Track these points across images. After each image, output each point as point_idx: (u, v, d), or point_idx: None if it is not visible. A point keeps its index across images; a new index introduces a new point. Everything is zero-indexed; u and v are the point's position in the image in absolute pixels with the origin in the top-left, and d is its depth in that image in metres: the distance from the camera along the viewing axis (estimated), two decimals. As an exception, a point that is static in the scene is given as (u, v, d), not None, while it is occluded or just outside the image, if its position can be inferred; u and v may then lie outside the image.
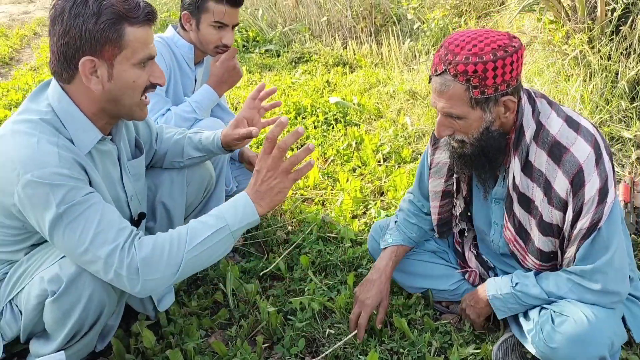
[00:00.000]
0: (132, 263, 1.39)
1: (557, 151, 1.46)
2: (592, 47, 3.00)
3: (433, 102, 1.50)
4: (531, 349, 1.57)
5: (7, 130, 1.43)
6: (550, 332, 1.49)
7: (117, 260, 1.38)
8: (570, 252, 1.52)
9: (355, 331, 1.81)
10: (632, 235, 2.23)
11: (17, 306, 1.61)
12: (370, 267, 2.19)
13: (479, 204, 1.78)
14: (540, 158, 1.49)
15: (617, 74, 2.89)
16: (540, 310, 1.59)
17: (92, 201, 1.41)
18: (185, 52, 2.22)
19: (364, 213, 2.62)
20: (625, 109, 2.83)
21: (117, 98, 1.46)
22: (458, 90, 1.42)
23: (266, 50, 5.60)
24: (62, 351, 1.45)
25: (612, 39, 2.94)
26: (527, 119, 1.49)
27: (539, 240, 1.57)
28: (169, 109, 2.13)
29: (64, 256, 1.49)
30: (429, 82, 1.52)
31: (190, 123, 2.13)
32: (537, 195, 1.52)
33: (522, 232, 1.62)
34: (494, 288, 1.67)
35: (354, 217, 2.58)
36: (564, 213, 1.49)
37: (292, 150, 3.18)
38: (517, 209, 1.59)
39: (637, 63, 2.83)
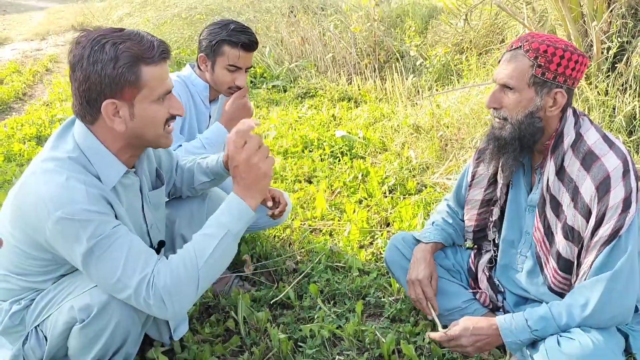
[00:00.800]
0: (156, 293, 1.47)
1: (589, 160, 1.58)
2: (590, 84, 3.11)
3: (496, 74, 1.66)
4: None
5: (37, 169, 1.51)
6: (556, 353, 1.53)
7: (144, 291, 1.46)
8: (587, 261, 1.58)
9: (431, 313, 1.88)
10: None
11: (42, 332, 1.66)
12: (378, 295, 2.26)
13: (513, 214, 1.85)
14: (573, 166, 1.61)
15: (614, 108, 3.00)
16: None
17: (119, 233, 1.48)
18: (201, 91, 2.33)
19: (371, 243, 2.69)
20: (623, 142, 2.92)
21: (140, 134, 1.54)
22: (524, 63, 1.59)
23: (273, 86, 5.76)
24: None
25: (609, 75, 3.05)
26: (569, 128, 1.63)
27: (560, 243, 1.66)
28: (180, 145, 2.23)
29: (94, 285, 1.56)
30: (499, 62, 1.68)
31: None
32: (565, 199, 1.63)
33: (549, 234, 1.71)
34: (511, 333, 1.63)
35: (361, 247, 2.65)
36: (587, 220, 1.58)
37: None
38: (548, 211, 1.69)
39: (633, 98, 2.94)
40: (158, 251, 1.84)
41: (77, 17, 12.31)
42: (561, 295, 1.73)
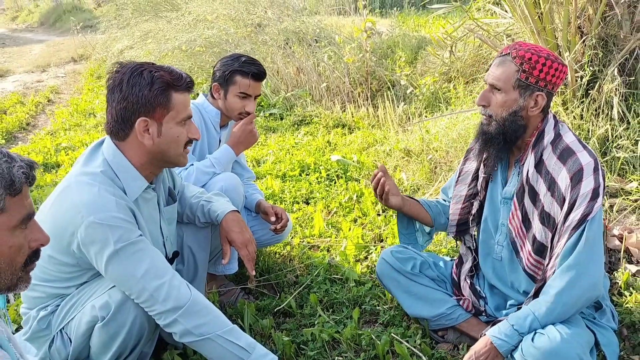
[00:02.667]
0: (180, 298, 1.67)
1: (566, 154, 1.81)
2: (566, 109, 3.36)
3: (486, 76, 1.90)
4: (515, 366, 1.80)
5: (71, 182, 1.73)
6: (529, 348, 1.72)
7: (164, 294, 1.67)
8: (560, 244, 1.79)
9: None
10: (605, 273, 2.49)
11: (66, 334, 1.84)
12: (377, 300, 2.45)
13: (491, 207, 2.07)
14: (550, 159, 1.84)
15: (589, 131, 3.24)
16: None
17: (143, 242, 1.71)
18: (213, 117, 2.56)
19: (366, 257, 2.88)
20: (598, 163, 3.16)
21: (164, 151, 1.78)
22: (511, 68, 1.82)
23: (270, 114, 5.99)
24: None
25: (583, 101, 3.30)
26: (549, 128, 1.88)
27: (536, 228, 1.87)
28: (192, 164, 2.44)
29: (112, 287, 1.75)
30: (488, 69, 1.92)
31: (209, 176, 2.42)
32: (542, 189, 1.85)
33: (526, 221, 1.92)
34: (503, 342, 1.77)
35: (357, 260, 2.84)
36: (562, 207, 1.79)
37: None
38: (526, 200, 1.90)
39: (605, 122, 3.18)
40: (172, 261, 2.03)
41: (78, 50, 12.61)
42: (533, 278, 1.94)
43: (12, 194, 1.10)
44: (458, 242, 2.31)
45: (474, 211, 2.14)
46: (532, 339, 1.74)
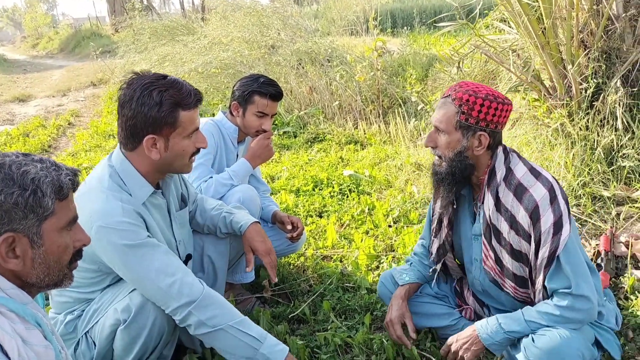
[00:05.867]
0: (193, 292, 1.77)
1: (520, 191, 1.83)
2: (572, 120, 3.43)
3: (432, 118, 1.92)
4: (518, 366, 1.86)
5: (85, 189, 1.85)
6: (531, 347, 1.78)
7: (176, 290, 1.77)
8: (539, 281, 1.84)
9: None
10: (612, 278, 2.54)
11: (91, 337, 1.95)
12: (385, 309, 2.52)
13: (463, 243, 2.11)
14: (507, 197, 1.86)
15: (594, 142, 3.31)
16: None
17: (151, 243, 1.81)
18: (231, 133, 2.69)
19: (377, 267, 2.96)
20: (604, 172, 3.22)
21: (170, 163, 1.88)
22: (451, 110, 1.84)
23: (284, 132, 6.13)
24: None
25: (588, 112, 3.38)
26: (500, 163, 1.89)
27: (512, 266, 1.91)
28: (211, 177, 2.56)
29: (132, 290, 1.86)
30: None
31: (227, 188, 2.54)
32: (504, 228, 1.88)
33: (498, 261, 1.95)
34: (488, 336, 1.88)
35: (369, 269, 2.93)
36: (529, 243, 1.83)
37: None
38: (493, 240, 1.93)
39: (610, 133, 3.25)
40: (185, 264, 2.13)
41: (97, 74, 12.95)
42: (526, 303, 1.98)
43: (60, 198, 1.22)
44: (445, 274, 2.31)
45: (449, 239, 2.16)
46: (533, 339, 1.80)
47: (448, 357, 2.00)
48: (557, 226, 1.77)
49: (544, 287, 1.84)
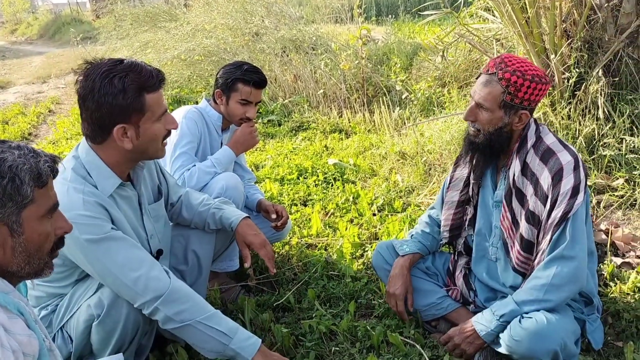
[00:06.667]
0: (158, 287, 1.74)
1: (547, 155, 1.91)
2: (554, 109, 3.47)
3: (473, 91, 1.96)
4: (502, 346, 1.89)
5: None
6: (516, 328, 1.83)
7: (142, 285, 1.74)
8: (545, 240, 1.89)
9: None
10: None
11: (67, 332, 1.92)
12: (369, 297, 2.54)
13: (484, 210, 2.16)
14: (534, 162, 1.93)
15: (576, 131, 3.35)
16: None
17: (114, 237, 1.76)
18: (215, 121, 2.66)
19: (362, 255, 2.98)
20: (585, 161, 3.27)
21: (144, 150, 1.82)
22: (497, 89, 1.89)
23: (269, 120, 6.10)
24: (121, 353, 1.77)
25: (570, 102, 3.41)
26: (531, 133, 1.97)
27: (523, 227, 1.96)
28: (194, 165, 2.54)
29: (103, 286, 1.82)
30: (477, 77, 1.99)
31: (211, 176, 2.52)
32: (528, 190, 1.95)
33: (515, 222, 2.01)
34: (484, 327, 1.94)
35: (354, 257, 2.94)
36: (545, 205, 1.89)
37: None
38: (514, 202, 2.00)
39: (591, 122, 3.29)
40: (156, 259, 2.05)
41: (78, 61, 12.69)
42: (522, 274, 2.03)
43: (39, 185, 1.20)
44: (450, 247, 2.38)
45: (469, 216, 2.22)
46: (520, 321, 1.85)
47: (447, 346, 2.05)
48: (575, 191, 1.85)
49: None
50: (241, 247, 2.17)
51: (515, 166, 1.98)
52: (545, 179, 1.89)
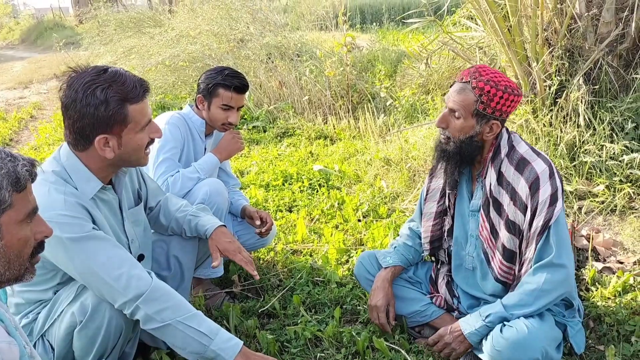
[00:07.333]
0: (140, 286, 1.72)
1: (522, 164, 1.93)
2: (536, 117, 3.52)
3: (447, 98, 1.98)
4: (485, 355, 1.91)
5: None
6: (498, 338, 1.84)
7: (123, 284, 1.71)
8: (530, 250, 1.91)
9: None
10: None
11: (48, 340, 1.88)
12: (354, 303, 2.55)
13: (460, 221, 2.18)
14: (509, 171, 1.96)
15: (557, 138, 3.40)
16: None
17: (97, 235, 1.74)
18: (198, 126, 2.65)
19: (347, 261, 2.98)
20: (566, 167, 3.32)
21: (126, 158, 1.81)
22: (470, 97, 1.92)
23: (254, 127, 6.10)
24: (103, 360, 1.75)
25: (552, 109, 3.46)
26: (504, 142, 2.00)
27: (504, 237, 1.98)
28: (177, 171, 2.53)
29: (84, 290, 1.80)
30: (451, 86, 2.01)
31: (194, 182, 2.50)
32: (505, 200, 1.97)
33: (494, 232, 2.03)
34: (468, 325, 1.97)
35: (339, 263, 2.94)
36: (525, 215, 1.91)
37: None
38: (492, 212, 2.01)
39: (572, 129, 3.34)
40: None
41: (60, 66, 12.61)
42: (505, 285, 2.04)
43: (18, 190, 1.18)
44: (432, 258, 2.39)
45: (446, 227, 2.24)
46: (501, 330, 1.86)
47: (436, 346, 2.06)
48: (554, 198, 1.87)
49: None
50: (212, 251, 2.13)
51: (491, 176, 2.00)
52: (522, 189, 1.91)
